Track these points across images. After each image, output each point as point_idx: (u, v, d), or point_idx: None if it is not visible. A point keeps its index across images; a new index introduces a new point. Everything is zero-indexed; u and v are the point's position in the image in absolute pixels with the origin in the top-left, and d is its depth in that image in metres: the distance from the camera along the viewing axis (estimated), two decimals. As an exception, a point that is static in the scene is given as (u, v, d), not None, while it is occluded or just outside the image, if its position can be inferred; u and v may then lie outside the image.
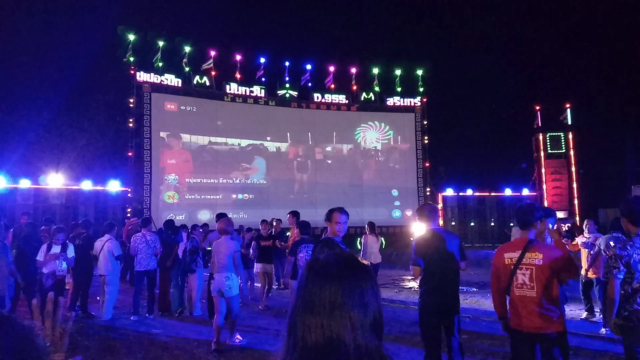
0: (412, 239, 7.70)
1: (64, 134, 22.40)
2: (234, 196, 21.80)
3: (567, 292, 5.64)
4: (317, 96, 24.37)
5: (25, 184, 18.45)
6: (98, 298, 9.17)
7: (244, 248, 10.00)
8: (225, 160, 21.97)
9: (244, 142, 22.59)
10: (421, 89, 25.91)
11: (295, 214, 8.90)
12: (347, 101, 24.79)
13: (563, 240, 5.04)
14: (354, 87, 25.12)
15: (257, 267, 9.83)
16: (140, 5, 27.39)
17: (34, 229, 9.05)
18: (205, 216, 19.12)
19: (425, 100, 25.83)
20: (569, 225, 14.01)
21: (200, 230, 9.75)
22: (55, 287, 7.37)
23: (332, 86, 24.79)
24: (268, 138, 23.14)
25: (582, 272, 7.57)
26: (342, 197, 22.79)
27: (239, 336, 6.74)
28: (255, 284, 10.46)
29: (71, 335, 3.33)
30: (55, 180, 19.07)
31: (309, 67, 24.42)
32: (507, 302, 3.90)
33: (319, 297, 1.11)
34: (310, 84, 24.48)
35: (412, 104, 25.75)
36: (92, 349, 6.45)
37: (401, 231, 21.92)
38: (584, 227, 8.13)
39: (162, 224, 18.70)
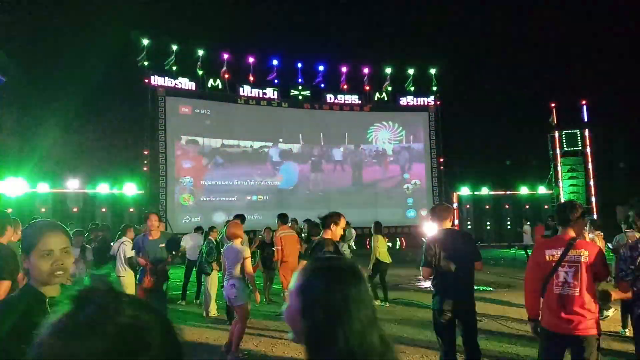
0: (423, 239, 7.69)
1: (80, 139, 22.69)
2: (249, 198, 21.91)
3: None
4: (329, 97, 24.39)
5: (43, 188, 18.74)
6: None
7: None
8: (240, 162, 22.10)
9: (257, 144, 22.69)
10: (435, 88, 25.79)
11: (281, 217, 8.86)
12: (360, 101, 24.78)
13: None
14: (367, 87, 25.10)
15: None
16: (153, 10, 27.65)
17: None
18: (220, 218, 19.21)
19: (439, 99, 25.71)
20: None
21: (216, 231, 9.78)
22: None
23: (345, 87, 24.80)
24: (280, 139, 23.22)
25: None
26: (356, 197, 22.81)
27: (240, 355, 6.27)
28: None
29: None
30: (72, 184, 19.34)
31: (321, 68, 24.47)
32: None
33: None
34: (322, 85, 24.53)
35: (426, 103, 25.64)
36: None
37: (416, 231, 21.83)
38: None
39: (178, 226, 18.88)
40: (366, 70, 25.14)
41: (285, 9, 37.31)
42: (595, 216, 22.27)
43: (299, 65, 23.99)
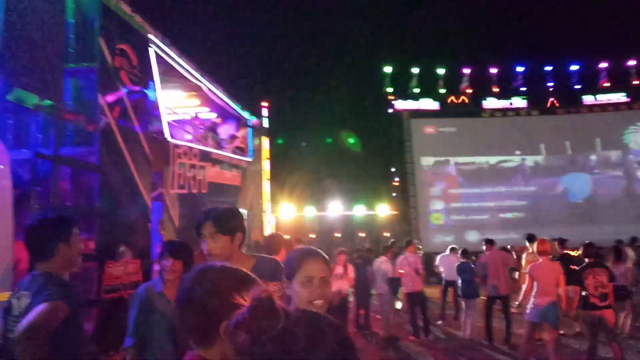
0: None
1: (335, 167, 25.06)
2: (502, 215, 20.64)
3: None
4: (588, 98, 21.61)
5: (310, 212, 21.17)
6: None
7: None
8: (489, 178, 21.10)
9: (506, 158, 21.32)
10: None
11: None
12: (628, 99, 21.34)
13: None
14: (637, 82, 21.42)
15: None
16: (393, 39, 29.14)
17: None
18: (473, 237, 18.57)
19: None
20: None
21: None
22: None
23: (607, 84, 21.64)
24: (518, 152, 21.28)
25: None
26: (621, 212, 19.52)
27: None
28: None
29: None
30: (333, 208, 21.42)
31: (574, 67, 21.95)
32: None
33: None
34: (579, 86, 21.94)
35: None
36: None
37: None
38: None
39: (430, 244, 18.93)
40: (632, 63, 21.57)
41: (529, 13, 35.14)
42: None
43: (548, 68, 22.00)
